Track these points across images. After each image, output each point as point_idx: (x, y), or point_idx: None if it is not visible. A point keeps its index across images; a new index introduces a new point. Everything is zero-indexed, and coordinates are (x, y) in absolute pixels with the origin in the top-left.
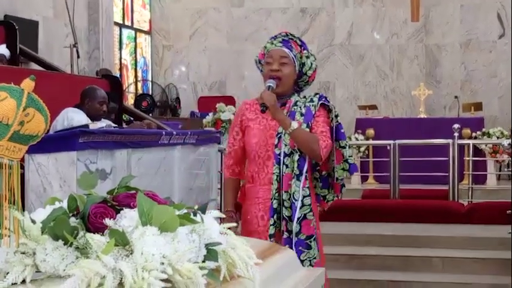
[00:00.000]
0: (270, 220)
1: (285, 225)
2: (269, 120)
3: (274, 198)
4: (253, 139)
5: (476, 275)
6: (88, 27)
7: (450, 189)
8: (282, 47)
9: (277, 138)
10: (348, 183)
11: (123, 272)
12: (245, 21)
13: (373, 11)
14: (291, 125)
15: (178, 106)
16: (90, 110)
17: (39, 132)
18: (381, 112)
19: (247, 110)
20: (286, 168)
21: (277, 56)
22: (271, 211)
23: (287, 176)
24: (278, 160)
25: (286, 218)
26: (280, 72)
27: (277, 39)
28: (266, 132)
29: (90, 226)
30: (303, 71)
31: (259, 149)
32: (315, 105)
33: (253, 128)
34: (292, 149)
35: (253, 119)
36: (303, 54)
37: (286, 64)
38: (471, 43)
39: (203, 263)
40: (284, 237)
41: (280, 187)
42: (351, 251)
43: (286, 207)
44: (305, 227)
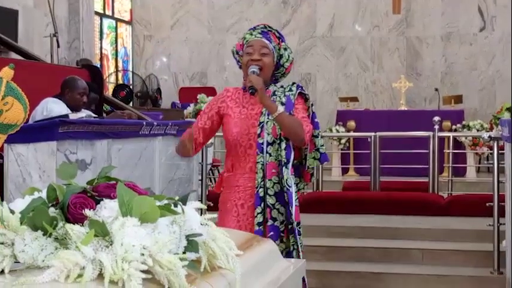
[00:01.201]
0: (258, 208)
1: (269, 213)
2: (250, 110)
3: (260, 187)
4: (235, 128)
5: (455, 267)
6: (68, 16)
7: (430, 182)
8: (262, 38)
9: (259, 128)
10: (328, 175)
11: (102, 263)
12: (227, 11)
13: (355, 3)
14: (277, 109)
15: (159, 97)
16: (70, 101)
17: (18, 122)
18: (361, 104)
19: (229, 98)
20: (270, 157)
21: (258, 46)
22: (258, 199)
23: (270, 165)
24: (261, 149)
25: (270, 206)
26: (261, 62)
27: (257, 31)
28: (248, 121)
29: (69, 216)
30: (280, 62)
31: (240, 138)
32: (294, 94)
33: (233, 117)
34: (275, 138)
35: (234, 107)
36: (281, 46)
37: (266, 54)
38: (452, 36)
39: (184, 254)
40: (269, 224)
41: (264, 175)
42: (330, 242)
43: (270, 195)
44: (296, 214)
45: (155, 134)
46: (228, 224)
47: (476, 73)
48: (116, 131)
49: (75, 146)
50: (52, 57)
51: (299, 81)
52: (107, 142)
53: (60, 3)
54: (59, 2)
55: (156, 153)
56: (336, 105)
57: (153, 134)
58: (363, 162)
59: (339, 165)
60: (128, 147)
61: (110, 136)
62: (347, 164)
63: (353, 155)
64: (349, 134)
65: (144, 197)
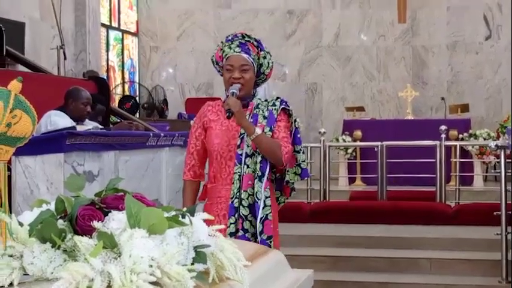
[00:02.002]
0: (231, 219)
1: (241, 224)
2: (230, 121)
3: (235, 198)
4: (216, 139)
5: (463, 276)
6: (75, 28)
7: (437, 191)
8: (240, 53)
9: (239, 139)
10: (335, 185)
11: (111, 275)
12: (232, 22)
13: (360, 13)
14: (254, 132)
15: (166, 108)
16: (74, 111)
17: (26, 134)
18: (368, 113)
19: (209, 112)
20: (247, 169)
21: (237, 64)
22: (232, 210)
23: (247, 176)
24: (240, 160)
25: (242, 217)
26: (242, 80)
27: (234, 43)
28: (228, 133)
29: (78, 228)
30: (260, 70)
31: (221, 149)
32: (276, 109)
33: (215, 129)
34: (254, 150)
35: (215, 120)
36: (260, 55)
37: (246, 71)
38: (458, 45)
39: (192, 266)
40: (239, 235)
41: (240, 186)
42: (337, 252)
43: (244, 206)
44: (267, 227)
45: (162, 145)
46: None
47: (483, 82)
48: (123, 143)
49: (83, 157)
50: (59, 69)
51: (305, 91)
52: (114, 154)
53: (66, 16)
54: (66, 14)
55: (163, 164)
56: (342, 115)
57: (160, 145)
58: (369, 171)
59: (346, 174)
60: (135, 159)
61: (117, 148)
62: (354, 173)
63: (360, 165)
64: (355, 144)
65: (152, 209)
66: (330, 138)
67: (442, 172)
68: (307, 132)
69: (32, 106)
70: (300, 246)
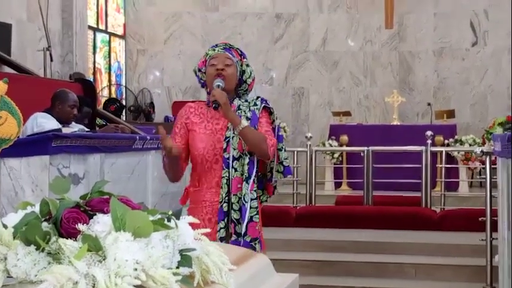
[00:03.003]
0: (220, 223)
1: (233, 228)
2: (215, 124)
3: (224, 202)
4: (200, 144)
5: (448, 281)
6: (62, 30)
7: (423, 196)
8: (225, 52)
9: (225, 143)
10: (321, 190)
11: (96, 278)
12: (220, 25)
13: (348, 18)
14: (241, 123)
15: (152, 111)
16: (61, 113)
17: (12, 136)
18: (354, 118)
19: (192, 114)
20: (235, 172)
21: (222, 57)
22: (221, 214)
23: (236, 180)
24: (227, 164)
25: (234, 221)
26: (225, 72)
27: (219, 47)
28: (213, 136)
29: (62, 231)
30: (243, 78)
31: (206, 153)
32: (258, 108)
33: (199, 133)
34: (241, 152)
35: (199, 123)
36: (243, 62)
37: (230, 65)
38: (444, 51)
39: (177, 269)
40: (232, 239)
41: (229, 190)
42: (323, 257)
43: (235, 210)
44: (251, 229)
45: (148, 148)
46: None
47: (469, 88)
48: (109, 146)
49: (68, 160)
50: (45, 71)
51: (292, 96)
52: (99, 156)
53: (53, 17)
54: (53, 16)
55: (149, 167)
56: (329, 120)
57: (146, 148)
58: (355, 176)
59: (332, 179)
60: (121, 162)
61: (102, 150)
62: (340, 178)
63: (346, 170)
64: (342, 149)
65: (137, 212)
66: (316, 142)
67: (428, 178)
68: (293, 137)
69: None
70: (285, 250)
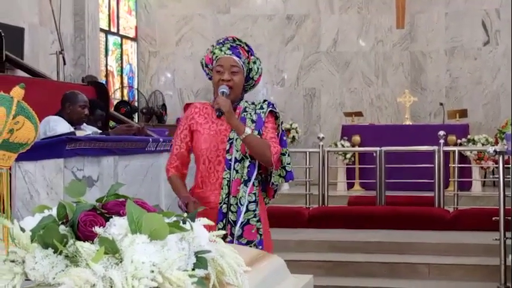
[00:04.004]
0: (219, 224)
1: (230, 229)
2: (219, 125)
3: (224, 203)
4: (204, 144)
5: (462, 281)
6: (74, 33)
7: (436, 196)
8: (231, 55)
9: (228, 144)
10: (333, 190)
11: (113, 280)
12: (231, 28)
13: (359, 18)
14: (244, 131)
15: (164, 113)
16: (72, 114)
17: (29, 140)
18: (366, 119)
19: (197, 114)
20: (236, 174)
21: (227, 65)
22: (220, 215)
23: (236, 182)
24: (229, 165)
25: (231, 222)
26: (232, 82)
27: (226, 46)
28: (217, 137)
29: (79, 234)
30: (250, 75)
31: (209, 154)
32: (264, 112)
33: (203, 133)
34: (244, 155)
35: (203, 123)
36: (250, 60)
37: (236, 73)
38: (456, 50)
39: (193, 271)
40: (228, 240)
41: (229, 192)
42: (336, 257)
43: (233, 212)
44: (247, 232)
45: (161, 150)
46: None
47: (481, 87)
48: (122, 148)
49: (82, 163)
50: (58, 75)
51: (304, 96)
52: (113, 159)
53: (65, 21)
54: (65, 20)
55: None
56: (341, 120)
57: (159, 151)
58: (368, 177)
59: (345, 180)
60: (135, 164)
61: (116, 153)
62: (352, 178)
63: (358, 170)
64: (354, 149)
65: (153, 214)
66: (328, 143)
67: (441, 177)
68: (305, 138)
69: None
70: (298, 251)
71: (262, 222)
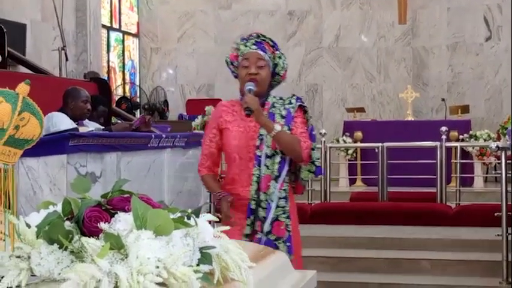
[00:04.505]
0: (247, 220)
1: (260, 226)
2: (248, 122)
3: (253, 199)
4: (234, 141)
5: (464, 277)
6: (76, 29)
7: (438, 192)
8: (257, 50)
9: (259, 140)
10: (335, 186)
11: (118, 276)
12: (233, 23)
13: (361, 14)
14: (274, 128)
15: (166, 109)
16: (75, 110)
17: (34, 137)
18: (368, 115)
19: (224, 112)
20: (267, 170)
21: (254, 59)
22: (249, 212)
23: (266, 178)
24: (259, 161)
25: (261, 219)
26: (258, 76)
27: (250, 41)
28: (247, 134)
29: (84, 230)
30: (275, 71)
31: (240, 151)
32: (293, 106)
33: (232, 131)
34: (274, 150)
35: (232, 121)
36: (276, 55)
37: (262, 67)
38: (458, 46)
39: (197, 267)
40: (257, 236)
41: (259, 188)
42: (339, 253)
43: (263, 208)
44: (276, 228)
45: (164, 146)
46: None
47: (483, 83)
48: (125, 144)
49: (85, 159)
50: (61, 71)
51: (306, 92)
52: (116, 155)
53: (67, 17)
54: (67, 16)
55: (165, 165)
56: (343, 116)
57: (162, 147)
58: (370, 172)
59: (347, 176)
60: (137, 160)
61: (119, 149)
62: (354, 174)
63: (360, 166)
64: (356, 145)
65: (158, 210)
66: (330, 139)
67: (443, 173)
68: None
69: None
70: None
71: (292, 219)
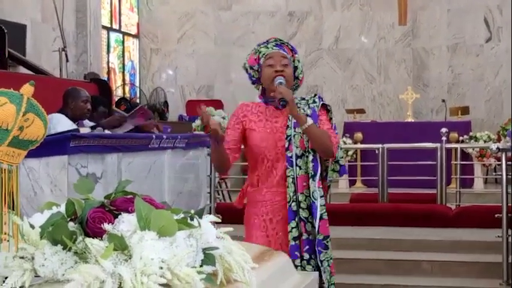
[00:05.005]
0: (292, 223)
1: (304, 227)
2: (274, 123)
3: (293, 201)
4: (262, 143)
5: (464, 278)
6: (76, 30)
7: (438, 193)
8: (279, 50)
9: (287, 141)
10: (335, 187)
11: (122, 277)
12: (233, 24)
13: (361, 15)
14: (307, 121)
15: (166, 110)
16: (75, 110)
17: (38, 137)
18: (368, 116)
19: (249, 112)
20: (300, 170)
21: (278, 57)
22: (291, 214)
23: (301, 178)
24: (291, 162)
25: (304, 220)
26: (284, 73)
27: (271, 44)
28: (274, 134)
29: (88, 231)
30: (295, 74)
31: (268, 152)
32: (317, 105)
33: (259, 132)
34: (303, 150)
35: (257, 121)
36: (295, 58)
37: (287, 65)
38: (458, 47)
39: (201, 268)
40: (303, 238)
41: (295, 189)
42: (339, 255)
43: (303, 209)
44: (322, 227)
45: (164, 147)
46: (257, 240)
47: (483, 84)
48: (126, 145)
49: (86, 160)
50: (61, 71)
51: (306, 93)
52: (117, 156)
53: (67, 17)
54: (67, 16)
55: (165, 166)
56: (343, 117)
57: (162, 148)
58: (370, 174)
59: (346, 177)
60: (138, 161)
61: (120, 150)
62: (354, 176)
63: (360, 167)
64: (357, 146)
65: (161, 211)
66: None
67: (443, 174)
68: None
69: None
70: None
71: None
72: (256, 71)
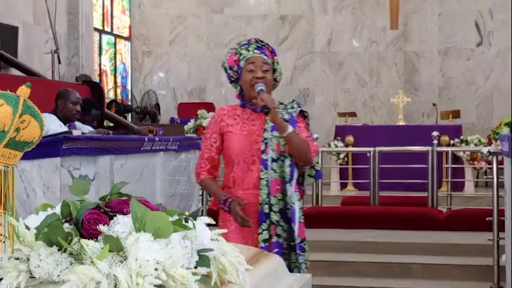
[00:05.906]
0: (263, 225)
1: (274, 230)
2: (250, 126)
3: (265, 203)
4: (237, 144)
5: (455, 281)
6: (68, 32)
7: (429, 196)
8: (261, 54)
9: (263, 144)
10: (327, 190)
11: (117, 278)
12: (225, 27)
13: (353, 19)
14: (288, 128)
15: (158, 112)
16: (64, 111)
17: (35, 139)
18: (360, 119)
19: (225, 116)
20: (274, 173)
21: (259, 63)
22: (262, 216)
23: (275, 181)
24: (266, 165)
25: (274, 223)
26: (265, 80)
27: (252, 46)
28: (250, 137)
29: (83, 232)
30: (274, 76)
31: (243, 154)
32: (296, 111)
33: (235, 133)
34: (279, 154)
35: (234, 124)
36: (275, 61)
37: (267, 71)
38: (449, 51)
39: (196, 269)
40: (273, 241)
41: (269, 192)
42: (330, 257)
43: (275, 212)
44: (300, 230)
45: (156, 149)
46: (234, 241)
47: (474, 88)
48: (118, 147)
49: (79, 162)
50: (53, 74)
51: (297, 96)
52: (109, 158)
53: (59, 20)
54: (59, 19)
55: (158, 168)
56: (334, 120)
57: (155, 150)
58: (361, 177)
59: (338, 180)
60: (130, 163)
61: (112, 152)
62: (346, 179)
63: (351, 170)
64: (349, 149)
65: (157, 213)
66: (322, 143)
67: (434, 178)
68: None
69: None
70: None
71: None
72: (236, 71)
